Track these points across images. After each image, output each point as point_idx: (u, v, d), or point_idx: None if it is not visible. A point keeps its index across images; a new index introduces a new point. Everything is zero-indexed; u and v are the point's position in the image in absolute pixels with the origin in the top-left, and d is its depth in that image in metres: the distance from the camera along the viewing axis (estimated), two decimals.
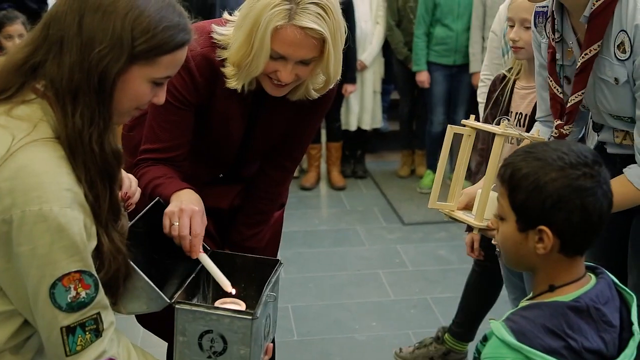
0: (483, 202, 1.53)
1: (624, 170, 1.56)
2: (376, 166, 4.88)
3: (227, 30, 1.55)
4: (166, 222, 1.43)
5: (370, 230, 3.93)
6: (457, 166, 1.65)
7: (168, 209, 1.44)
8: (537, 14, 1.67)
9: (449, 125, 1.67)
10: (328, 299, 3.22)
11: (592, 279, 1.19)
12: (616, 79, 1.50)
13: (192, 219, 1.42)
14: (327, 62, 1.48)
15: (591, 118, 1.72)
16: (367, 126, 4.71)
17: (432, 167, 4.48)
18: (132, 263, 1.23)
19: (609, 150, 1.70)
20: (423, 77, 4.33)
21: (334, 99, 1.75)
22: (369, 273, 3.46)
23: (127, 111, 1.18)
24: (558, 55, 1.63)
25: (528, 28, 1.97)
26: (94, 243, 1.12)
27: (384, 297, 3.25)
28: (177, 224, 1.41)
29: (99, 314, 1.14)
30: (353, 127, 4.68)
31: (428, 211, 3.91)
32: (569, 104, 1.61)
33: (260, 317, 1.34)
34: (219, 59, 1.54)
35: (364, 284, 3.36)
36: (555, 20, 1.60)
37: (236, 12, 1.55)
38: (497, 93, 2.17)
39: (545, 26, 1.65)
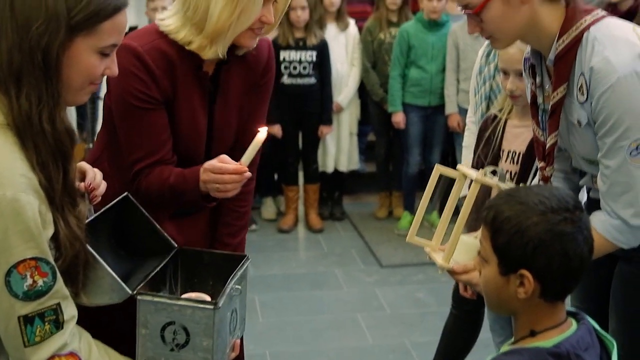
0: (452, 244, 1.58)
1: (590, 216, 1.58)
2: (354, 208, 4.87)
3: (169, 18, 1.60)
4: (218, 195, 1.54)
5: (349, 272, 3.91)
6: (446, 207, 1.67)
7: (208, 188, 1.53)
8: (525, 59, 1.70)
9: (437, 165, 1.69)
10: (306, 344, 3.17)
11: (573, 325, 1.19)
12: (579, 121, 1.53)
13: (211, 175, 1.53)
14: None
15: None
16: (344, 168, 4.72)
17: (410, 208, 4.48)
18: (93, 252, 1.22)
19: (591, 195, 1.71)
20: (399, 118, 4.36)
21: (311, 141, 1.79)
22: (348, 317, 3.42)
23: (81, 87, 1.17)
24: (539, 100, 1.65)
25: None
26: (50, 231, 1.11)
27: (362, 341, 3.21)
28: (218, 186, 1.52)
29: (58, 304, 1.12)
30: (330, 169, 4.69)
31: (406, 253, 4.21)
32: (547, 146, 1.63)
33: (224, 310, 1.33)
34: (179, 43, 1.58)
35: (342, 328, 3.32)
36: (535, 66, 1.63)
37: (167, 8, 1.64)
38: (488, 132, 2.19)
39: (528, 71, 1.69)
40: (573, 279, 1.12)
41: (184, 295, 1.43)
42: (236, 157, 1.58)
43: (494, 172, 1.64)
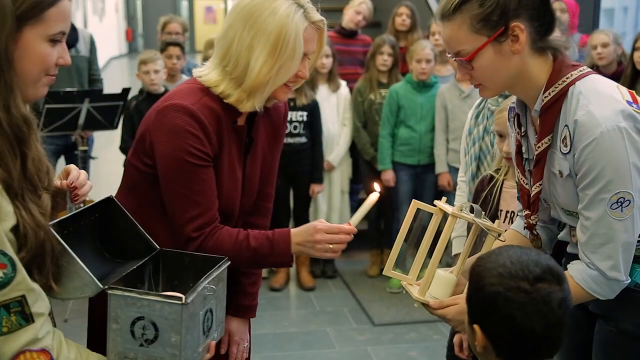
0: (427, 278, 1.61)
1: (567, 265, 1.58)
2: (345, 266, 4.83)
3: (208, 74, 1.66)
4: (327, 256, 1.61)
5: (341, 331, 3.86)
6: (422, 242, 1.70)
7: (313, 255, 1.61)
8: (510, 109, 1.73)
9: (413, 200, 1.71)
10: None
11: None
12: (560, 172, 1.54)
13: (325, 235, 1.59)
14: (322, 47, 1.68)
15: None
16: None
17: (401, 266, 4.44)
18: (60, 240, 1.21)
19: (569, 249, 1.71)
20: (388, 176, 4.39)
21: (303, 199, 1.82)
22: None
23: (37, 78, 1.17)
24: (524, 149, 1.66)
25: None
26: (9, 222, 1.10)
27: None
28: (332, 246, 1.59)
29: (24, 296, 1.12)
30: None
31: (398, 311, 4.17)
32: (532, 194, 1.64)
33: (196, 307, 1.33)
34: (219, 96, 1.63)
35: None
36: (519, 116, 1.65)
37: (203, 65, 1.69)
38: (485, 192, 2.20)
39: (513, 121, 1.72)
40: (529, 347, 1.12)
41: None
42: (255, 211, 1.69)
43: (471, 209, 1.66)
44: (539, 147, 1.56)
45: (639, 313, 1.61)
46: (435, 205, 1.72)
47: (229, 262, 1.48)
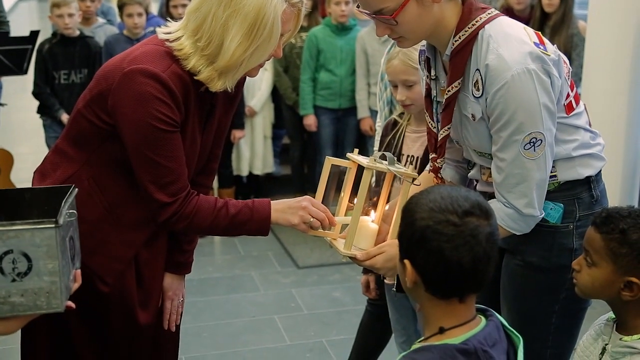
0: (352, 230, 1.59)
1: None
2: None
3: (177, 39, 1.57)
4: (303, 227, 1.62)
5: (265, 275, 3.85)
6: (340, 198, 1.70)
7: (291, 222, 1.62)
8: (420, 52, 1.71)
9: (327, 157, 1.69)
10: (223, 347, 3.09)
11: (482, 321, 1.18)
12: (473, 115, 1.55)
13: (311, 207, 1.62)
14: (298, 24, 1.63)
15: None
16: (259, 171, 4.68)
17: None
18: None
19: (478, 188, 1.72)
20: (310, 121, 4.35)
21: (224, 145, 1.83)
22: (265, 319, 3.36)
23: None
24: (433, 93, 1.66)
25: (410, 86, 2.05)
26: None
27: (279, 342, 3.15)
28: (312, 219, 1.61)
29: None
30: (245, 173, 4.64)
31: (322, 254, 4.18)
32: (439, 138, 1.64)
33: (65, 231, 1.27)
34: (189, 72, 1.56)
35: (259, 330, 3.26)
36: (430, 59, 1.64)
37: (167, 25, 1.62)
38: (389, 137, 2.21)
39: (424, 64, 1.69)
40: (457, 280, 1.12)
41: None
42: (202, 171, 1.70)
43: (383, 157, 1.65)
44: (448, 91, 1.56)
45: (544, 246, 1.64)
46: (348, 159, 1.70)
47: (77, 190, 1.41)
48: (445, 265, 1.11)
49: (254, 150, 4.62)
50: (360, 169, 1.63)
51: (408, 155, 2.16)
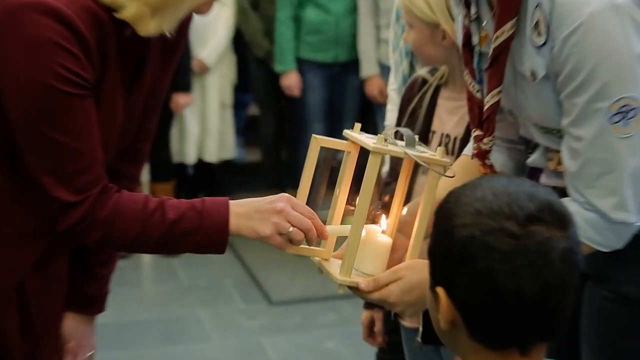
0: (352, 247, 1.61)
1: None
2: None
3: None
4: (278, 240, 1.60)
5: (221, 316, 3.86)
6: (334, 197, 1.72)
7: (260, 233, 1.60)
8: None
9: (313, 136, 1.70)
10: None
11: None
12: (533, 73, 1.60)
13: (291, 210, 1.60)
14: None
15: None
16: (212, 157, 4.73)
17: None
18: None
19: (543, 180, 1.78)
20: (291, 81, 4.38)
21: (161, 117, 1.88)
22: None
23: None
24: (474, 40, 1.70)
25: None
26: None
27: None
28: (292, 229, 1.60)
29: None
30: (191, 160, 4.69)
31: (308, 283, 4.22)
32: (485, 107, 1.69)
33: None
34: (105, 3, 1.57)
35: None
36: None
37: None
38: (412, 105, 2.25)
39: None
40: (517, 321, 1.12)
41: None
42: (125, 155, 1.76)
43: (399, 135, 1.66)
44: (497, 37, 1.60)
45: None
46: (345, 139, 1.69)
47: None
48: (498, 298, 1.11)
49: (205, 125, 4.65)
50: (365, 153, 1.62)
51: (442, 134, 2.18)
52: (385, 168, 2.40)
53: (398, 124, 2.28)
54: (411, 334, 2.18)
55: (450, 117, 2.17)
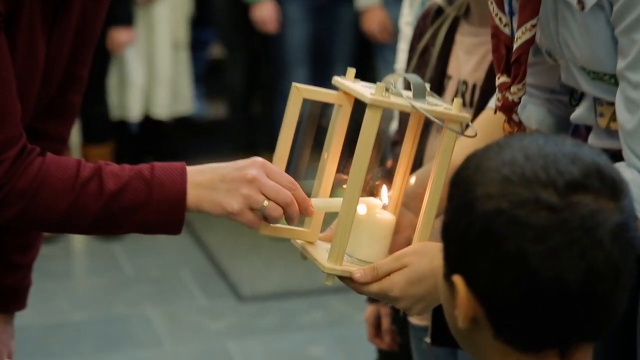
0: (344, 226, 1.61)
1: None
2: None
3: None
4: (249, 217, 1.60)
5: (176, 315, 3.88)
6: (321, 162, 1.71)
7: (226, 207, 1.61)
8: None
9: (294, 85, 1.68)
10: None
11: None
12: (580, 1, 1.59)
13: (266, 179, 1.61)
14: None
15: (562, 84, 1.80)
16: (163, 112, 4.76)
17: None
18: None
19: (591, 141, 1.79)
20: (266, 13, 4.39)
21: (94, 62, 1.91)
22: None
23: None
24: None
25: None
26: None
27: None
28: (267, 203, 1.60)
29: None
30: (135, 116, 4.71)
31: (288, 273, 4.21)
32: (515, 46, 1.68)
33: None
34: None
35: None
36: None
37: None
38: (423, 43, 2.26)
39: None
40: (556, 317, 1.13)
41: None
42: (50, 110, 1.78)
43: (405, 85, 1.67)
44: None
45: None
46: (336, 88, 1.69)
47: None
48: (532, 287, 1.11)
49: (153, 72, 4.67)
50: (361, 107, 1.62)
51: (459, 81, 2.20)
52: (395, 125, 2.43)
53: (407, 66, 2.29)
54: (421, 333, 2.21)
55: (469, 58, 2.17)
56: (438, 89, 2.15)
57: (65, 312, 3.86)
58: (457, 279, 1.16)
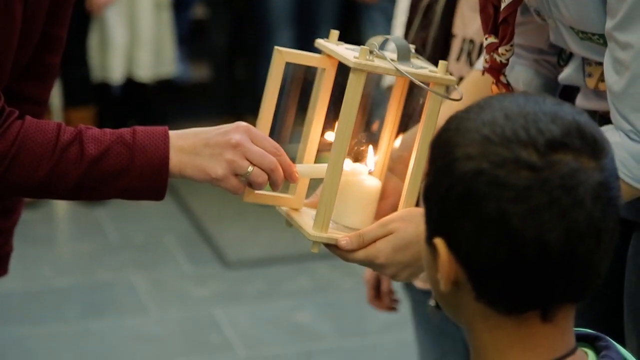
0: (329, 193, 1.63)
1: None
2: None
3: None
4: (233, 183, 1.61)
5: (160, 282, 3.90)
6: (306, 126, 1.73)
7: (210, 173, 1.61)
8: None
9: (276, 48, 1.68)
10: None
11: (589, 359, 1.21)
12: None
13: (250, 144, 1.61)
14: None
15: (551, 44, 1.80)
16: (145, 74, 4.76)
17: None
18: None
19: (579, 102, 1.79)
20: None
21: (73, 22, 1.88)
22: None
23: None
24: None
25: None
26: None
27: None
28: (251, 168, 1.61)
29: None
30: (117, 78, 4.71)
31: (274, 238, 4.23)
32: (503, 5, 1.68)
33: None
34: None
35: None
36: None
37: None
38: (426, 0, 2.28)
39: None
40: (537, 279, 1.13)
41: None
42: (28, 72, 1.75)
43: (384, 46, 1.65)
44: None
45: None
46: (319, 51, 1.70)
47: None
48: (513, 247, 1.12)
49: (135, 33, 4.66)
50: (344, 70, 1.63)
51: (464, 40, 2.21)
52: (388, 81, 2.40)
53: (408, 26, 2.28)
54: (421, 297, 2.25)
55: (474, 16, 2.12)
56: (443, 48, 2.18)
57: (48, 278, 3.88)
58: (439, 242, 1.17)
